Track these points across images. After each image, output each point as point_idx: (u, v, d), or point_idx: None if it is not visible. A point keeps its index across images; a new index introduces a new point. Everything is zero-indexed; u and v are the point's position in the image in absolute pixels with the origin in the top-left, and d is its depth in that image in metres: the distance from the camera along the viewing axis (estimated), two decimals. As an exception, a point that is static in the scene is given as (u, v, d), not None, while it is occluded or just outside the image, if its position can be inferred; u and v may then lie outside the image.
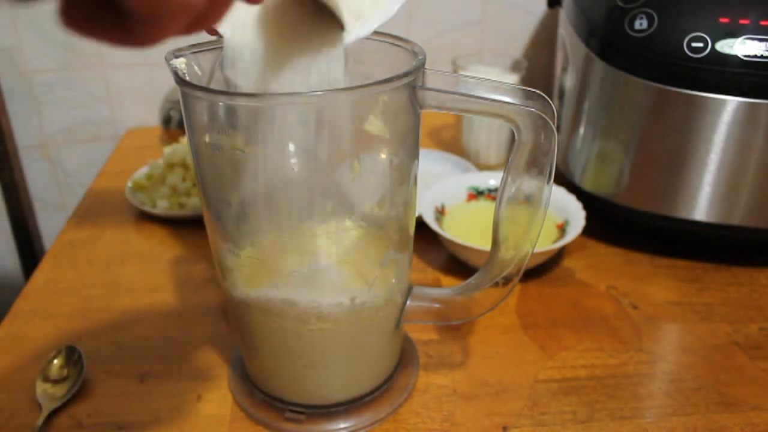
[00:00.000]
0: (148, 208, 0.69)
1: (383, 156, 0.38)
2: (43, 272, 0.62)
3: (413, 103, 0.37)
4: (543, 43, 0.97)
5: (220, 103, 0.36)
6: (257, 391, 0.46)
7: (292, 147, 0.36)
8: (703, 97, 0.54)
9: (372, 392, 0.45)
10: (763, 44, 0.53)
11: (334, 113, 0.36)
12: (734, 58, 0.53)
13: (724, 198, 0.57)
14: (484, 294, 0.42)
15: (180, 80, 0.35)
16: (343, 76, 0.35)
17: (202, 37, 0.43)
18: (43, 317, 0.55)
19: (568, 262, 0.62)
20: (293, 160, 0.37)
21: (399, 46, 0.40)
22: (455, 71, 0.78)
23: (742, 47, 0.53)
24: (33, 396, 0.46)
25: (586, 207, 0.62)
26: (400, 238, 0.41)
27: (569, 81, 0.67)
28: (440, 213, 0.64)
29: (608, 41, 0.60)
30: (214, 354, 0.51)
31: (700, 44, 0.54)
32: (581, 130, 0.65)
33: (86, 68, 0.92)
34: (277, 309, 0.40)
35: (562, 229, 0.61)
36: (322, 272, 0.38)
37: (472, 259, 0.58)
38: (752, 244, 0.62)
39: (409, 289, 0.45)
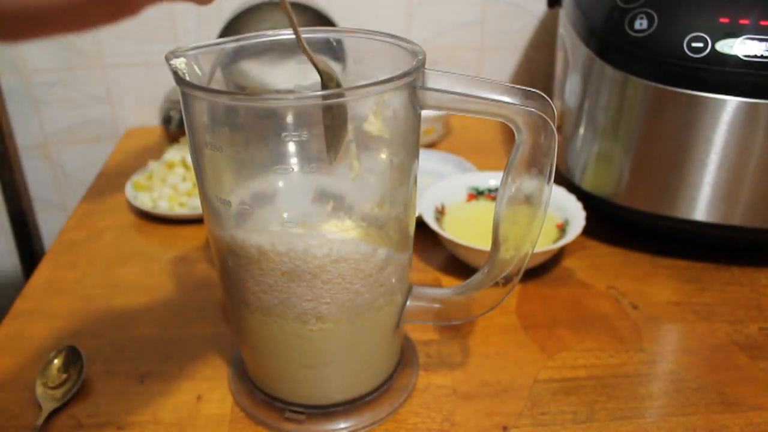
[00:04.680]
0: (148, 208, 0.69)
1: (383, 156, 0.38)
2: (43, 272, 0.62)
3: (413, 103, 0.37)
4: (543, 43, 0.97)
5: (220, 103, 0.36)
6: (257, 391, 0.46)
7: (291, 147, 0.36)
8: (703, 97, 0.54)
9: (372, 392, 0.45)
10: (763, 44, 0.52)
11: (334, 113, 0.36)
12: (734, 58, 0.53)
13: (724, 198, 0.57)
14: (484, 294, 0.42)
15: (180, 80, 0.35)
16: None
17: (203, 37, 0.43)
18: (43, 317, 0.55)
19: (568, 262, 0.62)
20: (293, 160, 0.37)
21: (399, 46, 0.40)
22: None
23: (742, 47, 0.53)
24: (33, 396, 0.46)
25: (586, 207, 0.62)
26: (400, 238, 0.41)
27: (569, 81, 0.67)
28: (440, 213, 0.64)
29: (608, 41, 0.60)
30: (214, 354, 0.51)
31: (700, 44, 0.54)
32: (581, 130, 0.65)
33: (86, 68, 0.92)
34: (278, 309, 0.40)
35: (562, 229, 0.61)
36: (322, 272, 0.38)
37: (472, 259, 0.58)
38: (752, 244, 0.62)
39: (409, 289, 0.45)
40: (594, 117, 0.63)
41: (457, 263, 0.61)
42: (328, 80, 0.36)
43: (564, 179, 0.67)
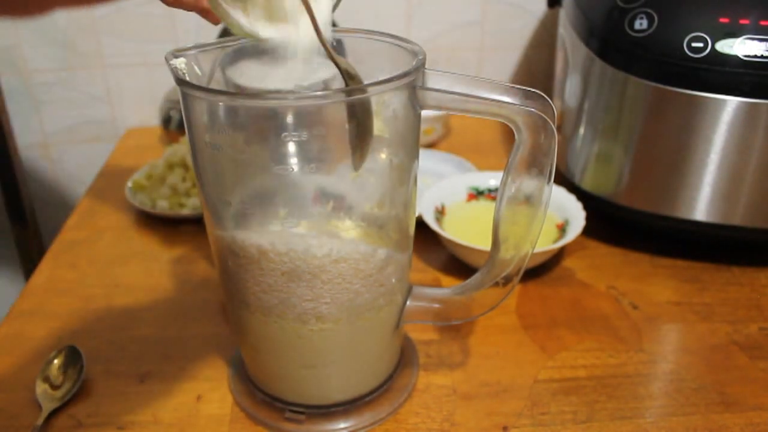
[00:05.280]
0: (148, 208, 0.69)
1: (383, 156, 0.38)
2: (43, 272, 0.62)
3: (413, 103, 0.37)
4: (543, 43, 0.97)
5: (220, 103, 0.36)
6: (257, 391, 0.46)
7: (291, 147, 0.36)
8: (703, 97, 0.54)
9: (372, 392, 0.45)
10: (763, 44, 0.52)
11: (334, 113, 0.36)
12: (734, 58, 0.53)
13: (724, 198, 0.57)
14: (484, 294, 0.42)
15: (180, 80, 0.35)
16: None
17: (203, 37, 0.43)
18: (43, 317, 0.55)
19: (568, 262, 0.62)
20: (293, 160, 0.37)
21: (399, 46, 0.40)
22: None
23: (742, 47, 0.53)
24: (33, 396, 0.46)
25: (586, 207, 0.62)
26: (400, 238, 0.41)
27: (569, 81, 0.67)
28: (440, 213, 0.64)
29: (608, 41, 0.60)
30: (214, 354, 0.51)
31: (700, 44, 0.54)
32: (581, 130, 0.65)
33: (86, 68, 0.92)
34: (278, 309, 0.40)
35: (562, 229, 0.61)
36: (322, 272, 0.38)
37: (472, 259, 0.58)
38: (752, 244, 0.62)
39: (409, 289, 0.45)
40: (594, 117, 0.63)
41: (457, 263, 0.61)
42: (350, 80, 0.36)
43: (564, 179, 0.67)
